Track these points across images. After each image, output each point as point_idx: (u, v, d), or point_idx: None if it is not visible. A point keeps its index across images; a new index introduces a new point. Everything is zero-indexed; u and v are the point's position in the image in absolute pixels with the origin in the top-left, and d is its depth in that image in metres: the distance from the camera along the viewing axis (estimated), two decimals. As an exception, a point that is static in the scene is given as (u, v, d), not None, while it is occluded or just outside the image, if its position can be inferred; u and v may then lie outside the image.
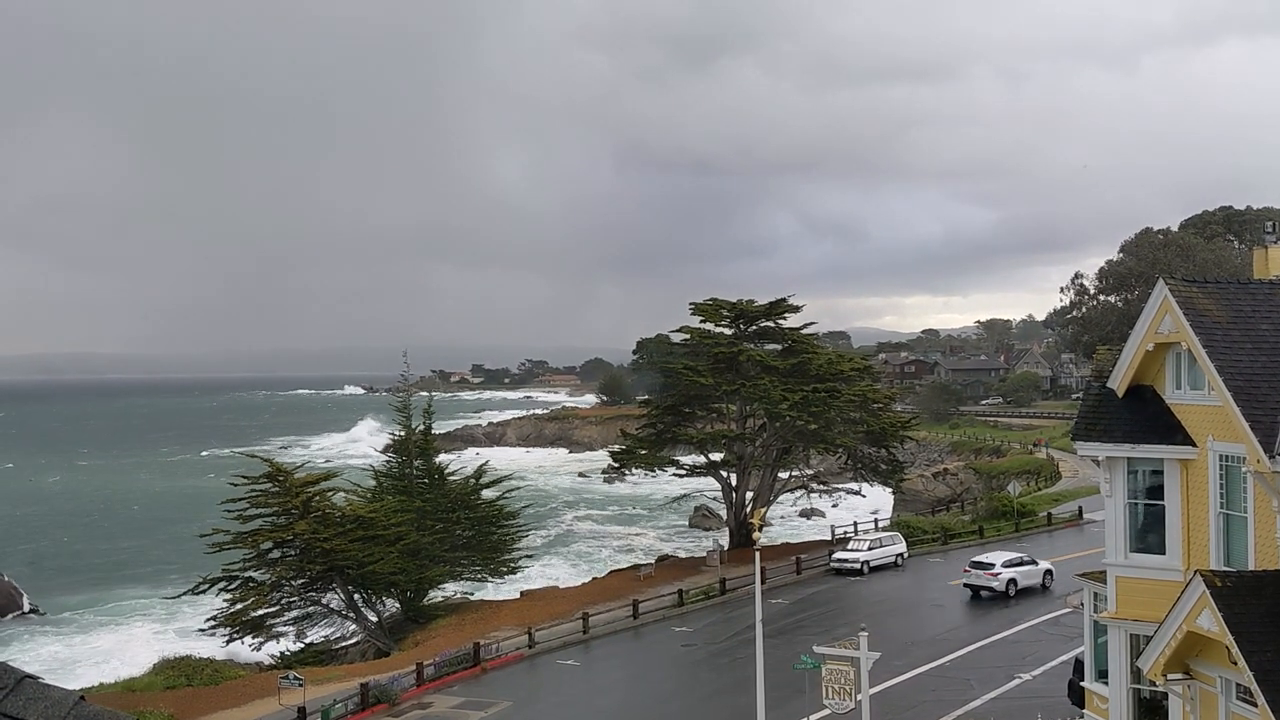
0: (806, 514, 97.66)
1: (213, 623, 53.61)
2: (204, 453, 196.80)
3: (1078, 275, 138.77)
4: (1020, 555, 52.54)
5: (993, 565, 50.61)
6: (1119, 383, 23.93)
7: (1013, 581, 49.93)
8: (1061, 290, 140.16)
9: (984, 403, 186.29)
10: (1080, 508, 72.43)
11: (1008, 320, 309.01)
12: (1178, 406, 23.05)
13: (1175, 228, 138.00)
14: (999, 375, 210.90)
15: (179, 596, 57.13)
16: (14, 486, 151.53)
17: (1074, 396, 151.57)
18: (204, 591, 53.97)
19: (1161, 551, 22.97)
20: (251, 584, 53.48)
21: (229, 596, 53.23)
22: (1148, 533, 23.43)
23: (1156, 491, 23.15)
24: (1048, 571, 51.53)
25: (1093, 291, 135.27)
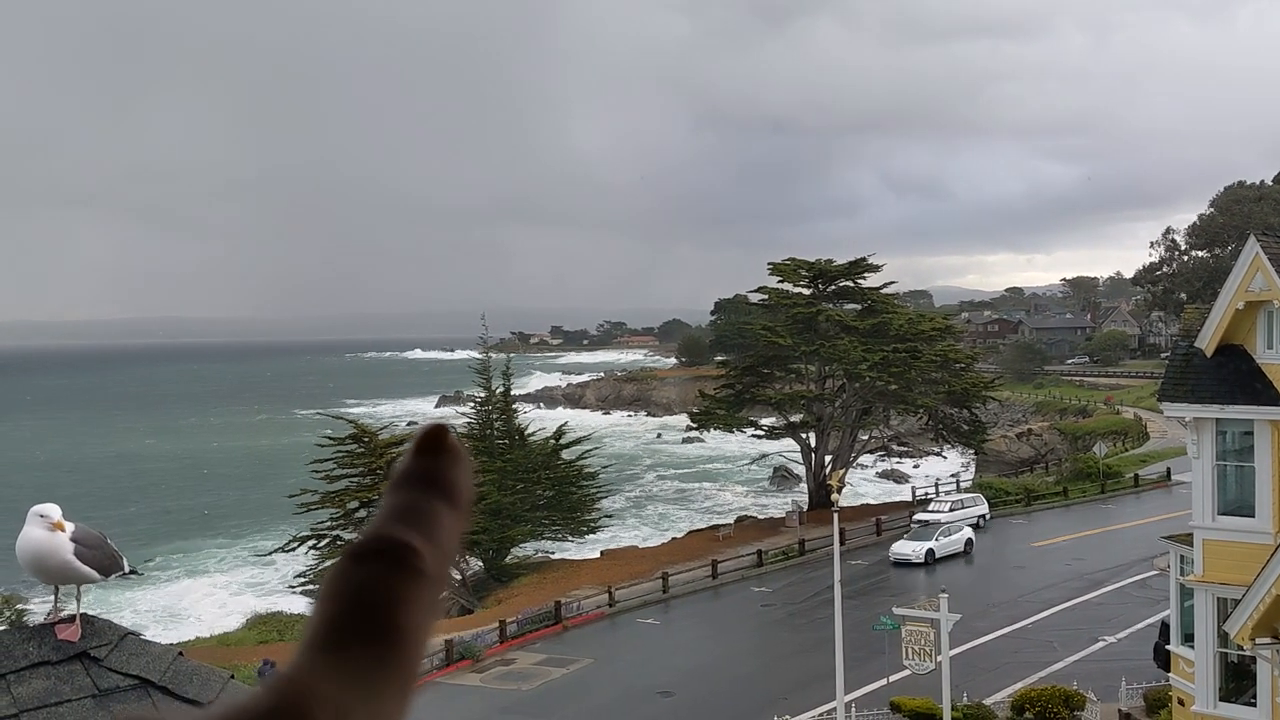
0: (887, 475, 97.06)
1: (302, 580, 55.09)
2: (296, 412, 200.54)
3: (1168, 230, 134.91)
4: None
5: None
6: (1207, 342, 23.40)
7: (930, 552, 51.99)
8: (1151, 246, 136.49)
9: (1069, 362, 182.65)
10: (1169, 469, 70.99)
11: (1094, 277, 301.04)
12: (1269, 366, 22.50)
13: (1269, 181, 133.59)
14: (1085, 334, 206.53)
15: (270, 554, 58.79)
16: (109, 450, 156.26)
17: (1163, 355, 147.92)
18: (295, 550, 55.46)
19: (1251, 514, 22.54)
20: (339, 543, 54.81)
21: (318, 554, 54.66)
22: (1236, 495, 22.99)
23: (1246, 453, 22.68)
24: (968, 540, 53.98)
25: (1184, 247, 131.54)
